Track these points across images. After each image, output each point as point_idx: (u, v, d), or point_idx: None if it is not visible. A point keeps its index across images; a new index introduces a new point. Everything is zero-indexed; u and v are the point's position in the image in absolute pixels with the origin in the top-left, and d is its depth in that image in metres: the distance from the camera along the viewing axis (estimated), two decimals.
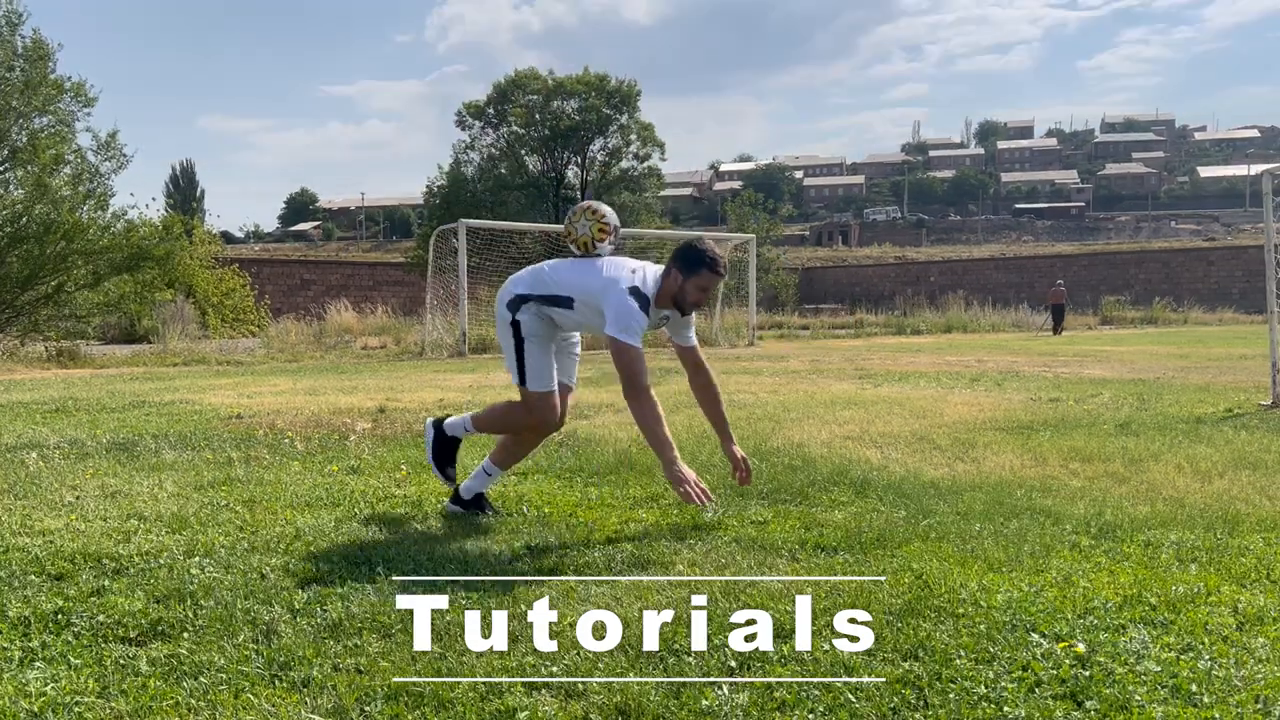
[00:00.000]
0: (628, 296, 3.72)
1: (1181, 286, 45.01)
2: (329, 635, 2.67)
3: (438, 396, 9.16)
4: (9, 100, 18.08)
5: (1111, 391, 9.12)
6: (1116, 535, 3.71)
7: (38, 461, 5.48)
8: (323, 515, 4.13)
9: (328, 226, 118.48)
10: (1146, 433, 6.34)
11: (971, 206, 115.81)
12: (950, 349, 18.32)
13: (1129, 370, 12.06)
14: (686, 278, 3.83)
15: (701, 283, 3.84)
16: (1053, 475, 4.98)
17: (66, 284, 18.42)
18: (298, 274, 38.41)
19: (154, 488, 4.75)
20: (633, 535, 3.78)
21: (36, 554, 3.51)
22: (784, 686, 2.32)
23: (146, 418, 7.70)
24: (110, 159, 19.00)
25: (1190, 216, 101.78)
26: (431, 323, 18.29)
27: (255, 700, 2.27)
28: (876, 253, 77.75)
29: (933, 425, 6.83)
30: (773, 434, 6.41)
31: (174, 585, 3.13)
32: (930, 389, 9.67)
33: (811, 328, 30.54)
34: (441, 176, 44.75)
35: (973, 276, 50.27)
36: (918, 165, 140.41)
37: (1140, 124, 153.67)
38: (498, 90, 43.52)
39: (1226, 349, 16.83)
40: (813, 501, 4.36)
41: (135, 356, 15.30)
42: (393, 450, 5.88)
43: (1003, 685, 2.33)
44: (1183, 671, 2.39)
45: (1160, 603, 2.89)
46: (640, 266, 3.86)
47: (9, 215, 18.47)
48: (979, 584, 3.07)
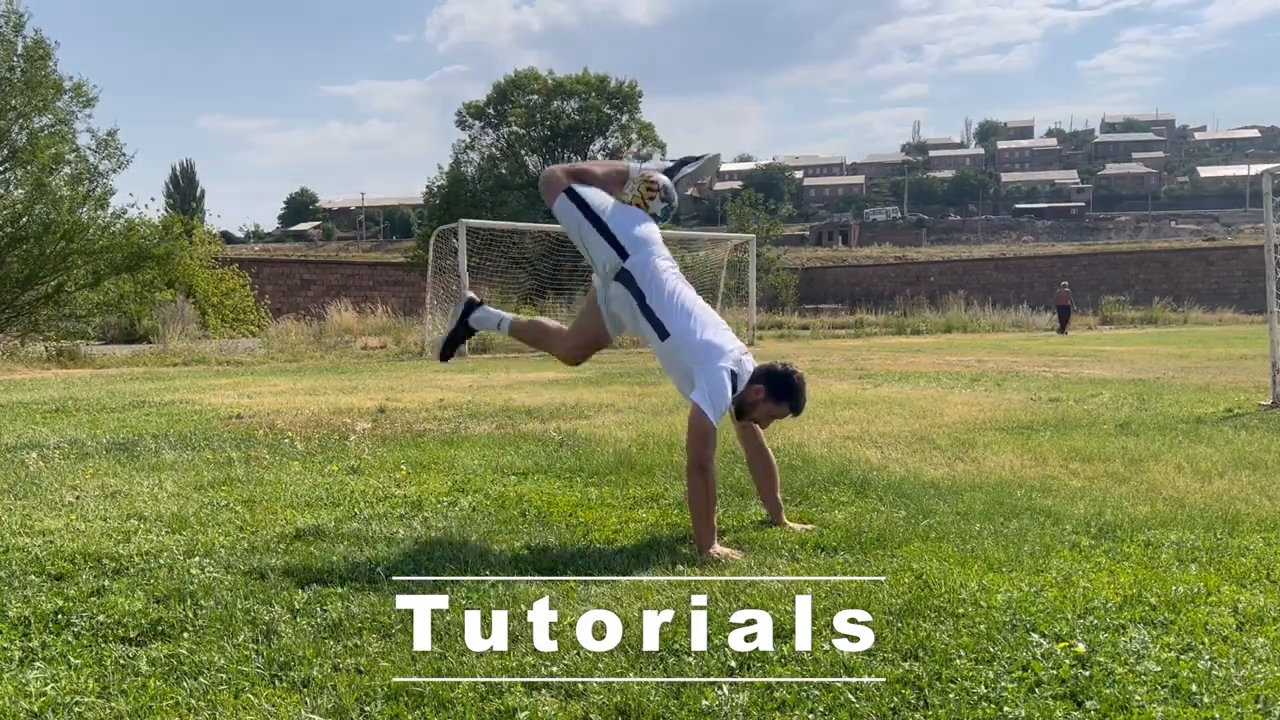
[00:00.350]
0: (725, 377, 3.66)
1: (1181, 286, 45.00)
2: (329, 635, 2.67)
3: (438, 396, 9.16)
4: (9, 100, 18.09)
5: (1111, 391, 9.12)
6: (1116, 535, 3.71)
7: (38, 461, 5.48)
8: (323, 515, 4.13)
9: (328, 226, 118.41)
10: (1146, 433, 6.34)
11: (971, 206, 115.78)
12: (950, 349, 18.33)
13: (1129, 370, 12.06)
14: (768, 400, 3.83)
15: (775, 413, 3.90)
16: (1053, 475, 4.98)
17: (66, 284, 18.42)
18: (298, 274, 38.41)
19: (154, 488, 4.75)
20: (632, 535, 3.78)
21: (37, 554, 3.51)
22: (784, 686, 2.32)
23: (146, 418, 7.70)
24: (109, 158, 19.02)
25: (1190, 216, 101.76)
26: (432, 323, 18.28)
27: (255, 700, 2.27)
28: (876, 253, 77.68)
29: (933, 425, 6.83)
30: (772, 434, 6.38)
31: (174, 585, 3.13)
32: (930, 389, 9.67)
33: (811, 328, 30.54)
34: (441, 176, 44.72)
35: (973, 276, 50.26)
36: (918, 165, 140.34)
37: (1140, 124, 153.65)
38: (498, 90, 43.47)
39: (1226, 349, 16.83)
40: (813, 501, 4.36)
41: (135, 356, 15.30)
42: (393, 450, 5.88)
43: (1003, 685, 2.33)
44: (1183, 671, 2.39)
45: (1160, 603, 2.89)
46: (744, 353, 3.82)
47: (9, 215, 18.48)
48: (979, 584, 3.07)
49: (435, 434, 6.61)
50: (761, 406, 3.84)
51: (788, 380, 3.83)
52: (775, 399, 3.83)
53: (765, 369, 3.84)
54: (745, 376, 3.76)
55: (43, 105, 18.60)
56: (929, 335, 26.10)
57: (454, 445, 6.04)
